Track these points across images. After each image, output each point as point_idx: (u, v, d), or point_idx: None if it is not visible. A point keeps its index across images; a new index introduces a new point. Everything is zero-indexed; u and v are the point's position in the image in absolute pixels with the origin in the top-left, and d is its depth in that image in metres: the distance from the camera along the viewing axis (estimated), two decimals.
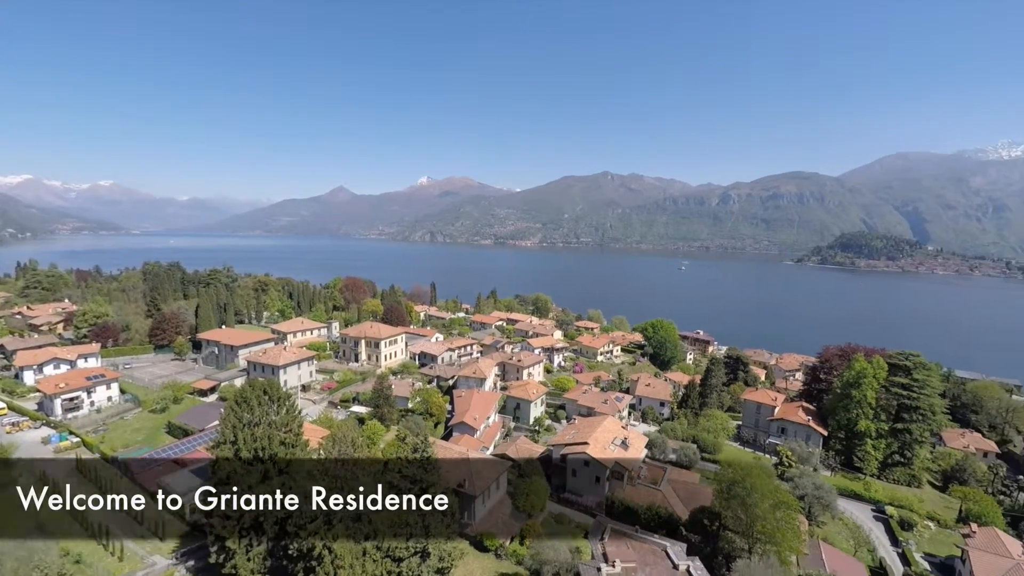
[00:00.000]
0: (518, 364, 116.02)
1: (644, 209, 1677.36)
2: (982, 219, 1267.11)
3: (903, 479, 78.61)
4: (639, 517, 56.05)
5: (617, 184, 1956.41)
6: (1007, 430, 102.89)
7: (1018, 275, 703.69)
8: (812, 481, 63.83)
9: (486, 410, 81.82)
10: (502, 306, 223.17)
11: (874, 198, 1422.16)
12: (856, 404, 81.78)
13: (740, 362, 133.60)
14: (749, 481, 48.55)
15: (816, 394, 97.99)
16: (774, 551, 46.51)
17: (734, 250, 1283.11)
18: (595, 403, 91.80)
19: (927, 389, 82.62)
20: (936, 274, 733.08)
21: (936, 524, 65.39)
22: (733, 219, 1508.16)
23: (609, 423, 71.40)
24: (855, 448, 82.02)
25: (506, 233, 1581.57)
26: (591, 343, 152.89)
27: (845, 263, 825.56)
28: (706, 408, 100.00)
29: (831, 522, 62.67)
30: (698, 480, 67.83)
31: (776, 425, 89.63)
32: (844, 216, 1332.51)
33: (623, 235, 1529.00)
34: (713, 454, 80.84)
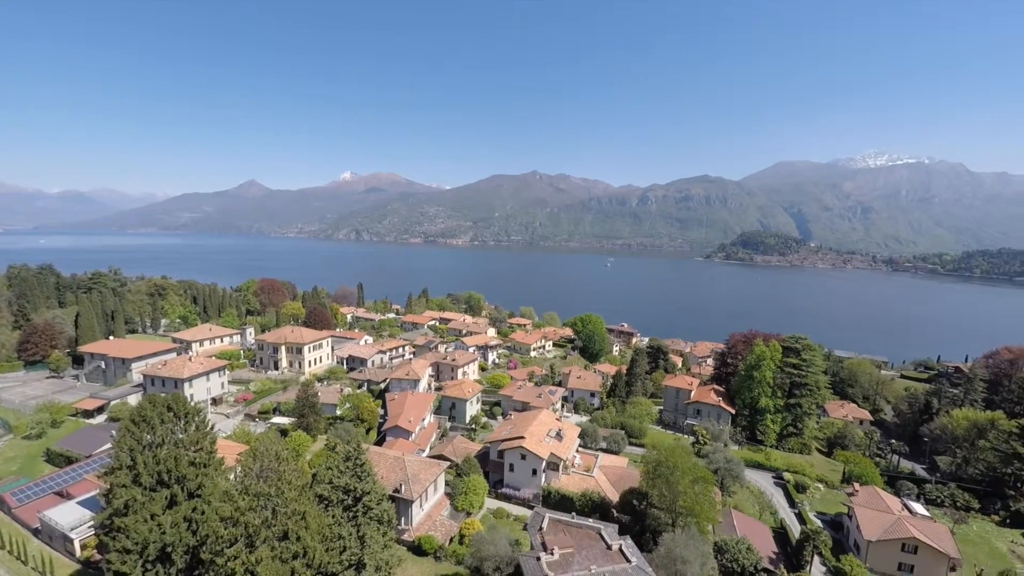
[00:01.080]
0: (452, 363, 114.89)
1: (571, 208, 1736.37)
2: (852, 219, 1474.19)
3: (796, 448, 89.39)
4: (574, 504, 58.19)
5: (546, 183, 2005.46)
6: (878, 400, 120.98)
7: (882, 267, 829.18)
8: (724, 455, 70.41)
9: (421, 412, 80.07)
10: (434, 306, 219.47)
11: (767, 200, 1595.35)
12: (757, 384, 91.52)
13: (660, 351, 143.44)
14: (671, 460, 52.37)
15: (725, 377, 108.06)
16: (694, 522, 50.61)
17: (653, 247, 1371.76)
18: (530, 398, 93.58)
19: (813, 368, 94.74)
20: (817, 267, 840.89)
21: (825, 486, 75.22)
22: (651, 218, 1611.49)
23: (544, 416, 73.16)
24: (757, 423, 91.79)
25: (436, 231, 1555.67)
26: (524, 339, 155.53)
27: (745, 259, 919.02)
28: (632, 396, 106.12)
29: (740, 491, 69.57)
30: (626, 464, 71.82)
31: (692, 407, 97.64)
32: (744, 216, 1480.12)
33: (552, 233, 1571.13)
34: (639, 438, 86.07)
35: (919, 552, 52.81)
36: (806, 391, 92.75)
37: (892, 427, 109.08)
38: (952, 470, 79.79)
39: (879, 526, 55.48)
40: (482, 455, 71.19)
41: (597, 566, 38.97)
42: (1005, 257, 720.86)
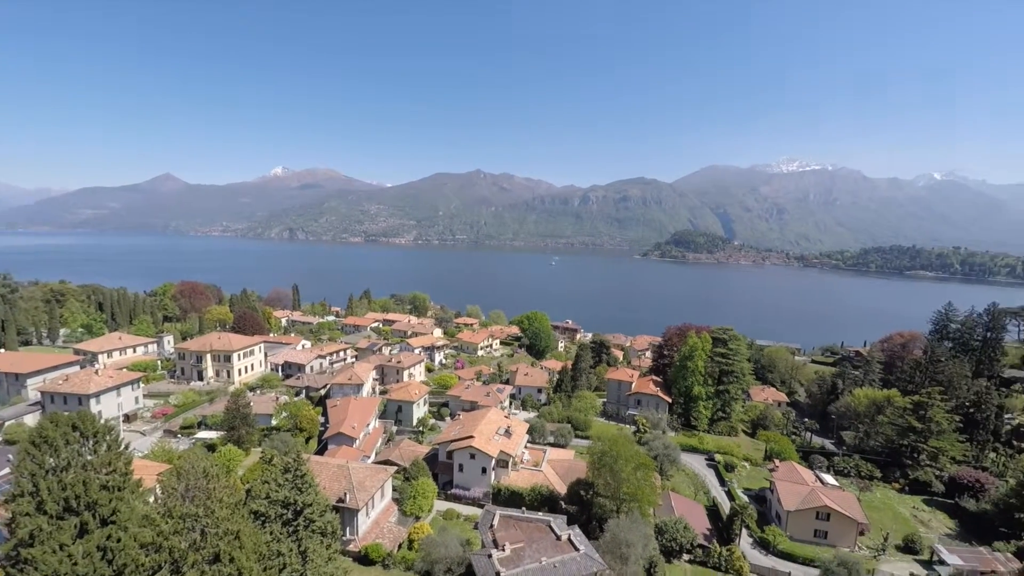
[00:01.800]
0: (398, 366, 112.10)
1: (516, 208, 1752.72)
2: (769, 220, 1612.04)
3: (725, 431, 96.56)
4: (524, 499, 58.99)
5: (490, 183, 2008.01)
6: (793, 384, 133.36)
7: (794, 263, 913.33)
8: (662, 442, 74.57)
9: (365, 417, 77.38)
10: (377, 307, 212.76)
11: (697, 202, 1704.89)
12: (691, 373, 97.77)
13: (603, 346, 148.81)
14: (615, 450, 54.67)
15: (662, 368, 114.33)
16: (636, 507, 53.20)
17: (594, 246, 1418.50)
18: (478, 397, 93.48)
19: (739, 356, 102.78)
20: (740, 264, 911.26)
21: (750, 464, 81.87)
22: (592, 218, 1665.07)
23: (493, 415, 73.44)
24: (691, 410, 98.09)
25: (378, 230, 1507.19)
26: (471, 339, 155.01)
27: (679, 256, 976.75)
28: (577, 390, 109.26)
29: (677, 474, 74.02)
30: (573, 456, 73.87)
31: (633, 398, 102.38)
32: (677, 217, 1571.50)
33: (497, 232, 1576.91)
34: (585, 431, 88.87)
35: (831, 519, 59.04)
36: (733, 378, 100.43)
37: (805, 407, 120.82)
38: (856, 443, 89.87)
39: (797, 497, 61.33)
40: (431, 457, 70.17)
41: (547, 557, 39.85)
42: (896, 253, 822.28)
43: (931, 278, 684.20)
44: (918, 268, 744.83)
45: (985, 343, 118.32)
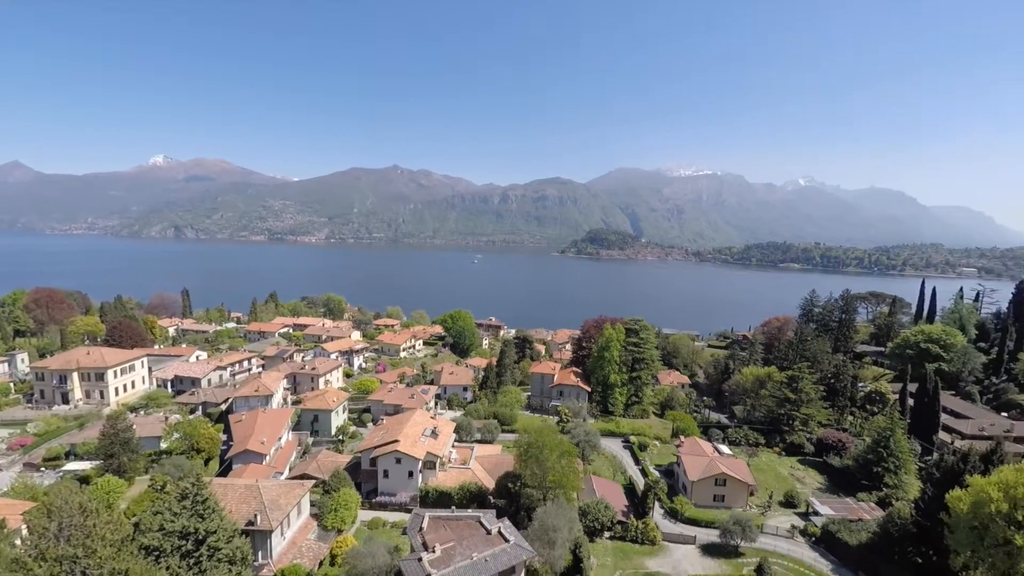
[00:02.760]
0: (312, 373, 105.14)
1: (436, 205, 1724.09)
2: (671, 219, 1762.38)
3: (639, 414, 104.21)
4: (453, 499, 58.71)
5: (408, 179, 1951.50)
6: (694, 367, 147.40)
7: (692, 258, 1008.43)
8: (583, 429, 78.47)
9: (276, 430, 71.54)
10: (286, 311, 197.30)
11: (608, 201, 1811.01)
12: (608, 363, 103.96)
13: (526, 341, 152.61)
14: (541, 441, 56.53)
15: (581, 359, 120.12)
16: (562, 493, 55.59)
17: (515, 243, 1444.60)
18: (402, 400, 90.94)
19: (649, 345, 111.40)
20: (647, 260, 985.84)
21: (660, 442, 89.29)
22: (512, 216, 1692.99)
23: (418, 417, 71.94)
24: (608, 397, 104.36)
25: (284, 228, 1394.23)
26: (393, 340, 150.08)
27: (593, 253, 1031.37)
28: (503, 386, 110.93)
29: (597, 458, 78.44)
30: (500, 451, 75.05)
31: (556, 390, 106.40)
32: (591, 215, 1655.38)
33: (416, 230, 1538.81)
34: (511, 425, 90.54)
35: (727, 484, 66.54)
36: (644, 365, 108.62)
37: (704, 387, 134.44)
38: (745, 415, 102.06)
39: (699, 468, 68.22)
40: (353, 466, 66.95)
41: (479, 553, 40.15)
42: (771, 249, 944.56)
43: (798, 269, 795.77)
44: (789, 261, 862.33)
45: (841, 323, 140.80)
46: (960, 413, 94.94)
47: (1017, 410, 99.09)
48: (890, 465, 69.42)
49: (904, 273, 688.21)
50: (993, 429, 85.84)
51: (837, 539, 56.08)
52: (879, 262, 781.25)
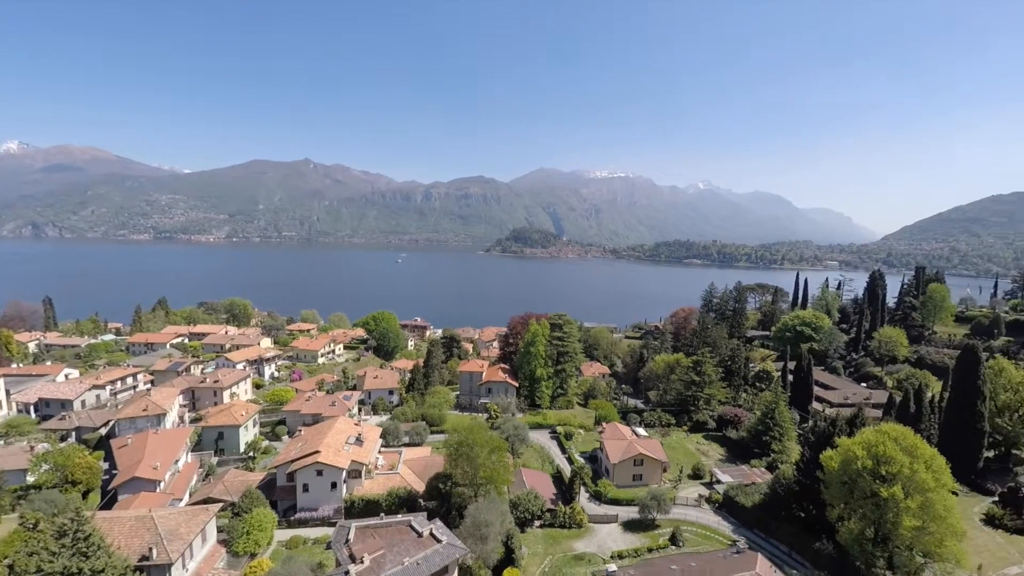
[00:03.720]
0: (214, 386, 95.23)
1: (353, 202, 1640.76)
2: (590, 219, 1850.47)
3: (564, 405, 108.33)
4: (382, 506, 56.69)
5: (321, 174, 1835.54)
6: (613, 357, 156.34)
7: (609, 256, 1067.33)
8: (512, 424, 79.78)
9: (172, 453, 63.73)
10: (179, 319, 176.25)
11: (531, 201, 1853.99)
12: (534, 357, 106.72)
13: (454, 341, 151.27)
14: (471, 438, 56.58)
15: (509, 355, 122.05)
16: (493, 488, 56.20)
17: (439, 242, 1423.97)
18: (322, 408, 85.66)
19: (572, 338, 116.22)
20: (569, 257, 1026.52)
21: (585, 430, 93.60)
22: (436, 215, 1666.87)
23: (341, 424, 68.29)
24: (536, 390, 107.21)
25: (174, 225, 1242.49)
26: (309, 346, 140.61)
27: (518, 252, 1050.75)
28: (431, 387, 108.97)
29: (527, 450, 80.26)
30: (430, 452, 73.81)
31: (484, 387, 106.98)
32: (514, 214, 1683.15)
33: (332, 228, 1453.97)
34: (440, 425, 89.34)
35: (644, 463, 71.64)
36: (568, 358, 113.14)
37: (622, 375, 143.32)
38: (658, 399, 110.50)
39: (619, 451, 72.72)
40: (267, 484, 61.81)
41: (410, 557, 39.24)
42: (677, 246, 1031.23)
43: (699, 265, 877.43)
44: (691, 257, 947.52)
45: (735, 312, 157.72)
46: (828, 385, 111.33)
47: (873, 380, 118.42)
48: (776, 434, 79.44)
49: (783, 267, 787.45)
50: (855, 397, 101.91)
51: (735, 503, 63.07)
52: (763, 257, 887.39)
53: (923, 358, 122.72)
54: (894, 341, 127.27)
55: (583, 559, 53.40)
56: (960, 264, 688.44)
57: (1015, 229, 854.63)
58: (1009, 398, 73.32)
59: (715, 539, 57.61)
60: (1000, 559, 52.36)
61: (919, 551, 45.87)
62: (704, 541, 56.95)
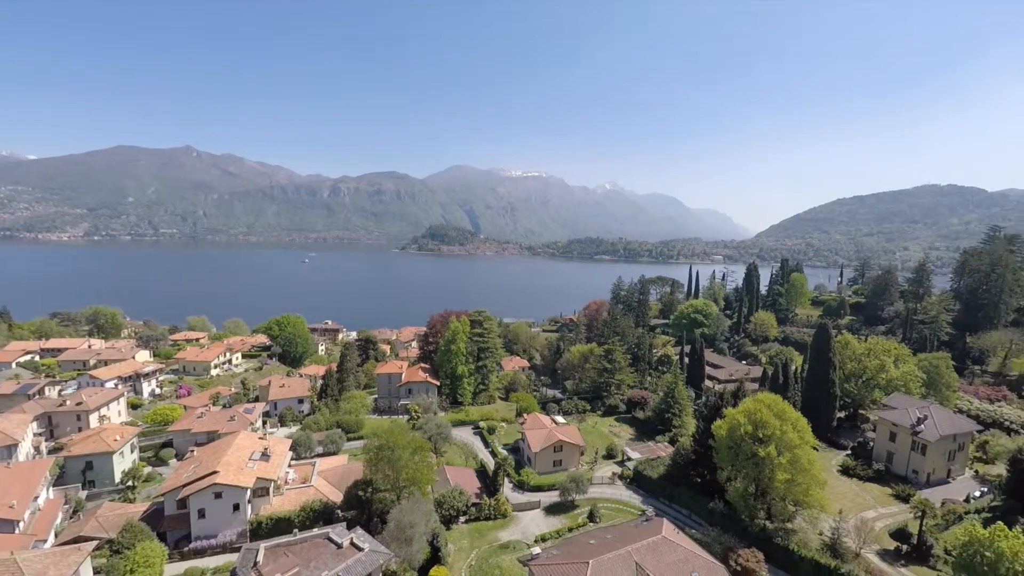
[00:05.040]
0: (78, 409, 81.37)
1: (249, 196, 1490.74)
2: (506, 216, 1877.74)
3: (486, 400, 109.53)
4: (294, 522, 52.83)
5: (208, 164, 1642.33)
6: (531, 351, 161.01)
7: (526, 252, 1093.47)
8: (435, 423, 78.94)
9: (28, 489, 53.20)
10: (27, 332, 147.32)
11: (447, 198, 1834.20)
12: (455, 355, 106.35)
13: (370, 342, 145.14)
14: (392, 441, 54.99)
15: (429, 354, 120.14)
16: (417, 489, 55.24)
17: (350, 241, 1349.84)
18: (218, 425, 77.21)
19: (492, 334, 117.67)
20: (486, 254, 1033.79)
21: (506, 423, 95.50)
22: (346, 211, 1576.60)
23: (242, 440, 62.19)
24: (457, 388, 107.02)
25: (16, 221, 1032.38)
26: (200, 357, 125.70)
27: (435, 249, 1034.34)
28: (345, 392, 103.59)
29: (450, 448, 79.94)
30: (347, 461, 70.31)
31: (404, 388, 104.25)
32: (430, 211, 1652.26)
33: (224, 225, 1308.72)
34: (358, 431, 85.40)
35: (563, 449, 75.14)
36: (489, 354, 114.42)
37: (541, 368, 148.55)
38: (574, 388, 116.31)
39: (540, 440, 75.48)
40: (153, 514, 54.46)
41: (329, 570, 37.35)
42: (588, 243, 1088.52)
43: (608, 260, 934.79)
44: (601, 253, 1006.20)
45: (639, 303, 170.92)
46: (717, 364, 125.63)
47: (752, 358, 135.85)
48: (676, 411, 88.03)
49: (678, 261, 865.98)
50: (738, 373, 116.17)
51: (644, 476, 68.90)
52: (662, 253, 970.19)
53: (788, 337, 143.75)
54: (766, 324, 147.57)
55: (508, 547, 54.73)
56: (814, 257, 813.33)
57: (855, 227, 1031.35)
58: (854, 366, 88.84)
59: (628, 511, 62.44)
60: (857, 504, 63.21)
61: (791, 500, 53.92)
62: (618, 514, 61.43)
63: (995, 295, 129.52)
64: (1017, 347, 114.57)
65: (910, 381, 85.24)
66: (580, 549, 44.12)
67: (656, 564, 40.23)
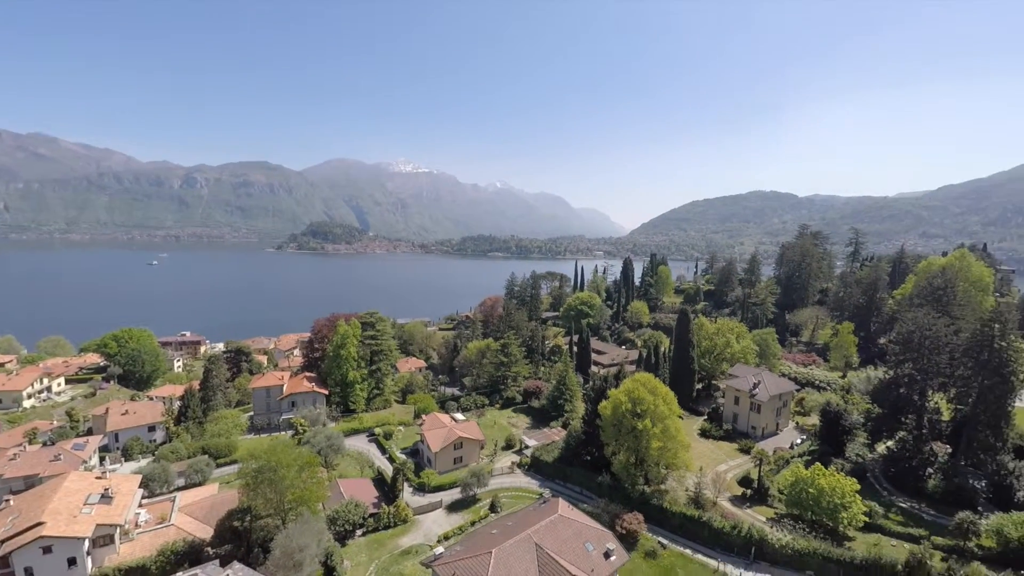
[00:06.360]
0: None
1: (67, 185, 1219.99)
2: (396, 213, 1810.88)
3: (381, 405, 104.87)
4: (151, 570, 45.09)
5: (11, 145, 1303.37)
6: (428, 350, 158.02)
7: (418, 250, 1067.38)
8: (324, 435, 73.56)
9: None
10: None
11: (330, 193, 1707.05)
12: (345, 360, 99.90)
13: (242, 353, 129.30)
14: (273, 460, 49.93)
15: (315, 362, 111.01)
16: (306, 509, 50.97)
17: (212, 239, 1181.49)
18: (38, 467, 62.25)
19: (386, 336, 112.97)
20: (376, 253, 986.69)
21: (404, 426, 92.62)
22: (204, 205, 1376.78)
23: (73, 482, 50.93)
24: (349, 395, 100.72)
25: None
26: (6, 385, 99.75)
27: (317, 248, 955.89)
28: (212, 412, 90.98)
29: (343, 459, 75.12)
30: (217, 490, 61.97)
31: (287, 401, 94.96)
32: (311, 207, 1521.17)
33: (34, 220, 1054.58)
34: (230, 455, 75.68)
35: (464, 446, 75.47)
36: (383, 356, 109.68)
37: (439, 367, 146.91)
38: (473, 384, 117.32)
39: (440, 439, 74.81)
40: None
41: None
42: (481, 240, 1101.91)
43: (502, 257, 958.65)
44: (494, 251, 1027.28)
45: (532, 298, 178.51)
46: (601, 351, 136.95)
47: (629, 343, 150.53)
48: (567, 396, 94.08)
49: (565, 257, 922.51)
50: (619, 358, 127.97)
51: (541, 461, 72.51)
52: (551, 249, 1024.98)
53: (658, 322, 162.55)
54: (640, 312, 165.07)
55: (410, 552, 53.45)
56: (676, 251, 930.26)
57: (706, 225, 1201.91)
58: (708, 344, 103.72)
59: (528, 497, 65.18)
60: (713, 460, 74.00)
61: (663, 464, 61.37)
62: (519, 501, 63.78)
63: (805, 280, 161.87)
64: (822, 321, 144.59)
65: (748, 353, 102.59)
66: (483, 541, 44.93)
67: (554, 541, 42.75)
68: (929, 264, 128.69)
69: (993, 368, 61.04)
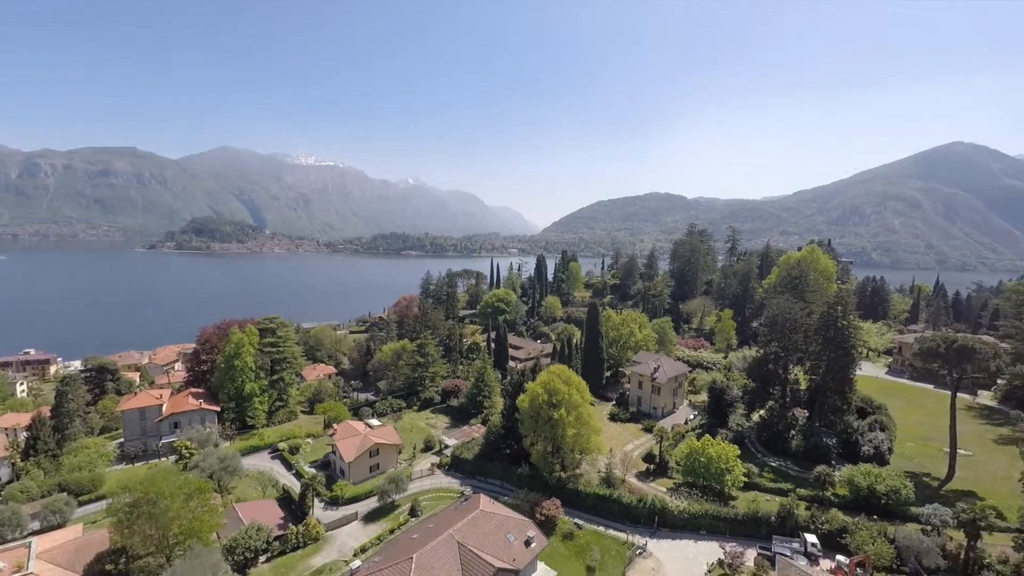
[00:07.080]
0: None
1: None
2: (298, 209, 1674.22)
3: (285, 417, 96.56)
4: None
5: None
6: (338, 355, 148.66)
7: (324, 249, 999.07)
8: (216, 456, 65.78)
9: None
10: None
11: (216, 185, 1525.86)
12: (240, 372, 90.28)
13: (106, 371, 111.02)
14: (152, 491, 43.81)
15: (203, 376, 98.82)
16: (197, 541, 45.39)
17: (61, 237, 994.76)
18: None
19: (288, 342, 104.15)
20: (275, 252, 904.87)
21: (313, 438, 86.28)
22: (52, 197, 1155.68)
23: None
24: (246, 409, 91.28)
25: None
26: None
27: (201, 247, 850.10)
28: (70, 442, 76.79)
29: (241, 481, 67.97)
30: (81, 531, 52.52)
31: (168, 422, 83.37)
32: (192, 201, 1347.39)
33: None
34: (96, 490, 64.57)
35: (380, 452, 72.41)
36: (285, 365, 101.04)
37: (351, 372, 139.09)
38: (389, 387, 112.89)
39: (353, 448, 70.98)
40: None
41: None
42: (394, 239, 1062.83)
43: (416, 255, 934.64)
44: (408, 249, 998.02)
45: (448, 296, 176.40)
46: (518, 346, 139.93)
47: (545, 337, 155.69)
48: (486, 393, 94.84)
49: (481, 255, 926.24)
50: (535, 352, 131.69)
51: (461, 459, 72.30)
52: (467, 247, 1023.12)
53: (570, 316, 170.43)
54: (554, 306, 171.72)
55: (322, 572, 50.25)
56: (585, 248, 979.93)
57: (610, 224, 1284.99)
58: (614, 334, 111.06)
59: (449, 497, 64.58)
60: (622, 441, 79.47)
61: (578, 450, 64.58)
62: (440, 502, 62.96)
63: (694, 273, 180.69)
64: (708, 309, 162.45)
65: (649, 341, 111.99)
66: (403, 547, 43.65)
67: (476, 537, 42.91)
68: (788, 258, 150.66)
69: (837, 343, 73.39)
